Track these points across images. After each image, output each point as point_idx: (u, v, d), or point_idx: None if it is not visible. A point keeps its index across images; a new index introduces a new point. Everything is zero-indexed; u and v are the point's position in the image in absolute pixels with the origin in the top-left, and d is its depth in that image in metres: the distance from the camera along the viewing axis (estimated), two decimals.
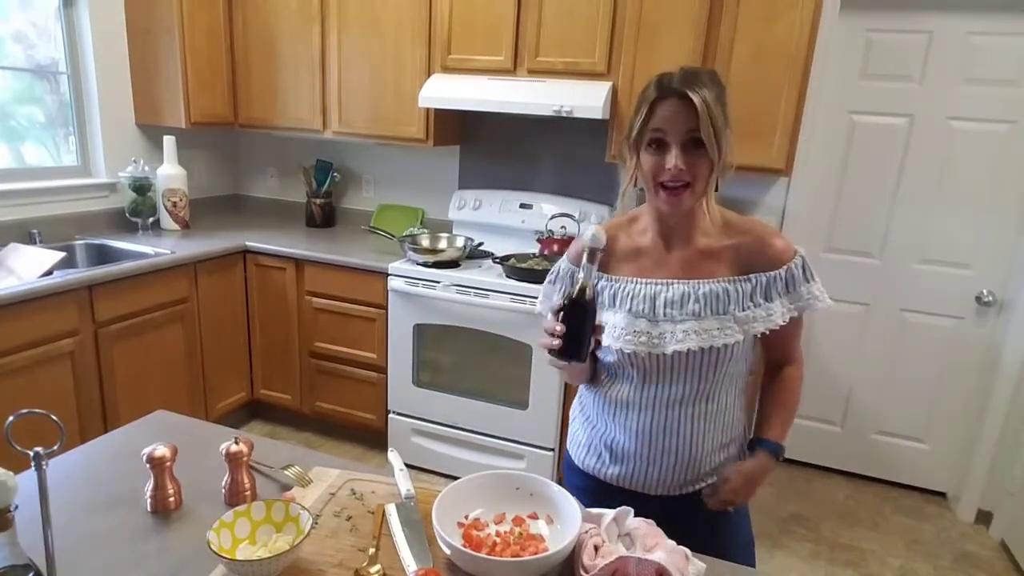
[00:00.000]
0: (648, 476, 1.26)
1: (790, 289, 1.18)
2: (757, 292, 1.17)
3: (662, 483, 1.26)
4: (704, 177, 1.11)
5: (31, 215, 2.71)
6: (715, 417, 1.24)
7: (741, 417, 1.32)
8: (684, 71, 1.12)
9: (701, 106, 1.06)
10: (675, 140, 1.09)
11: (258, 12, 3.09)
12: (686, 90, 1.07)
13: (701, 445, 1.24)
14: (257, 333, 3.13)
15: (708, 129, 1.06)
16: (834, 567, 2.48)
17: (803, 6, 2.30)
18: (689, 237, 1.19)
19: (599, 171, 2.99)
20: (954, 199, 2.70)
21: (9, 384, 2.13)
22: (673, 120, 1.09)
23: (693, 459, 1.24)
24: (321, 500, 1.13)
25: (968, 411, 2.85)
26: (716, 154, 1.08)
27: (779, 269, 1.17)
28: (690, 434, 1.22)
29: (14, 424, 0.83)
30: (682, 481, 1.26)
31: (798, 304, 1.19)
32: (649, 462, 1.25)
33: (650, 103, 1.11)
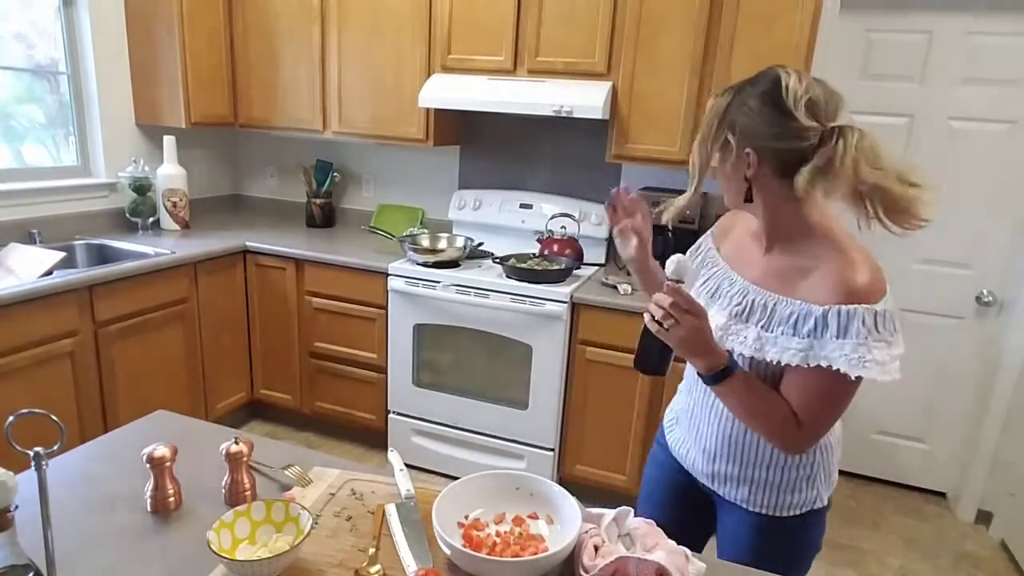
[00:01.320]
0: (684, 447, 1.30)
1: (820, 333, 1.02)
2: (801, 321, 1.05)
3: (692, 463, 1.29)
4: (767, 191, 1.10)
5: (31, 215, 2.71)
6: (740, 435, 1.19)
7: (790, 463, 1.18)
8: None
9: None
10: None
11: (258, 12, 3.10)
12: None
13: (728, 450, 1.21)
14: (257, 333, 3.13)
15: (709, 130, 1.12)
16: (834, 567, 2.48)
17: (803, 6, 2.30)
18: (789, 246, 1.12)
19: (599, 171, 2.99)
20: (954, 199, 2.70)
21: (9, 384, 2.13)
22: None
23: (718, 449, 1.22)
24: (321, 500, 1.14)
25: (968, 411, 2.85)
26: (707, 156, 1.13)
27: (825, 307, 1.02)
28: (719, 425, 1.21)
29: (14, 424, 0.83)
30: (708, 472, 1.26)
31: (814, 356, 1.02)
32: (687, 434, 1.29)
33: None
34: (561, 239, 2.85)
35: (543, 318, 2.54)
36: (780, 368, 1.08)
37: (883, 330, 1.02)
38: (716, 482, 1.26)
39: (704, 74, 2.47)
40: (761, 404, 1.09)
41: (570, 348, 2.57)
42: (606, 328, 2.48)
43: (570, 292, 2.51)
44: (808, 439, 1.11)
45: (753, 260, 1.17)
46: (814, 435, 1.10)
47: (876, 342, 1.02)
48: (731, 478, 1.23)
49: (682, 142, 2.54)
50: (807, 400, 1.07)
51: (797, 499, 1.19)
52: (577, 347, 2.55)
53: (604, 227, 2.95)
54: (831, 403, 1.08)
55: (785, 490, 1.19)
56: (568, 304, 2.51)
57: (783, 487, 1.19)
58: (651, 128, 2.57)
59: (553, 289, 2.52)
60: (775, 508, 1.20)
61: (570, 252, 2.81)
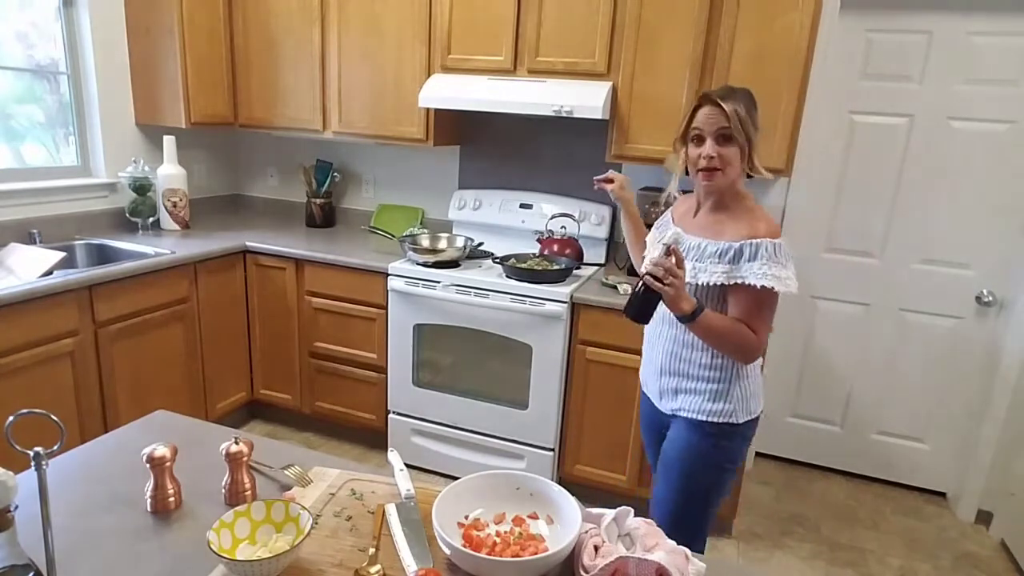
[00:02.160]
0: (647, 380, 1.70)
1: (736, 260, 1.46)
2: (725, 254, 1.48)
3: (652, 390, 1.68)
4: (734, 165, 1.47)
5: (31, 215, 2.71)
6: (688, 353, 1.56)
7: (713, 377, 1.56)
8: (723, 87, 1.50)
9: (731, 110, 1.42)
10: (710, 135, 1.46)
11: (258, 12, 3.10)
12: (719, 100, 1.44)
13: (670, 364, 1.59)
14: (257, 333, 3.13)
15: (736, 125, 1.42)
16: (834, 567, 2.48)
17: (803, 6, 2.30)
18: (717, 207, 1.55)
19: (599, 171, 2.94)
20: (954, 199, 2.70)
21: (9, 384, 2.13)
22: (708, 120, 1.46)
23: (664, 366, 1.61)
24: (321, 500, 1.14)
25: (968, 411, 2.85)
26: (745, 143, 1.45)
27: (740, 242, 1.45)
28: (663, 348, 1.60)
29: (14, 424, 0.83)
30: (657, 391, 1.65)
31: (735, 275, 1.46)
32: (648, 367, 1.68)
33: (693, 108, 1.49)
34: (561, 239, 2.85)
35: (543, 318, 2.54)
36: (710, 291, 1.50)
37: (780, 255, 1.45)
38: (664, 398, 1.64)
39: (704, 74, 2.47)
40: (724, 326, 1.47)
41: (570, 348, 2.57)
42: (606, 328, 2.48)
43: (570, 292, 2.51)
44: (760, 344, 1.50)
45: (690, 222, 1.61)
46: (761, 340, 1.50)
47: (775, 264, 1.43)
48: (671, 390, 1.61)
49: None
50: (746, 311, 1.48)
51: (716, 408, 1.55)
52: (577, 347, 2.55)
53: (604, 227, 2.95)
54: (760, 310, 1.48)
55: (707, 399, 1.56)
56: (568, 304, 2.51)
57: (706, 396, 1.56)
58: (651, 128, 2.57)
59: (553, 289, 2.52)
60: (699, 413, 1.57)
61: (570, 252, 2.81)
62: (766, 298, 1.47)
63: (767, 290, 1.43)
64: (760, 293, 1.45)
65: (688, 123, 1.50)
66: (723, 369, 1.54)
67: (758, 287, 1.43)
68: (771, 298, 1.48)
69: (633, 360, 2.47)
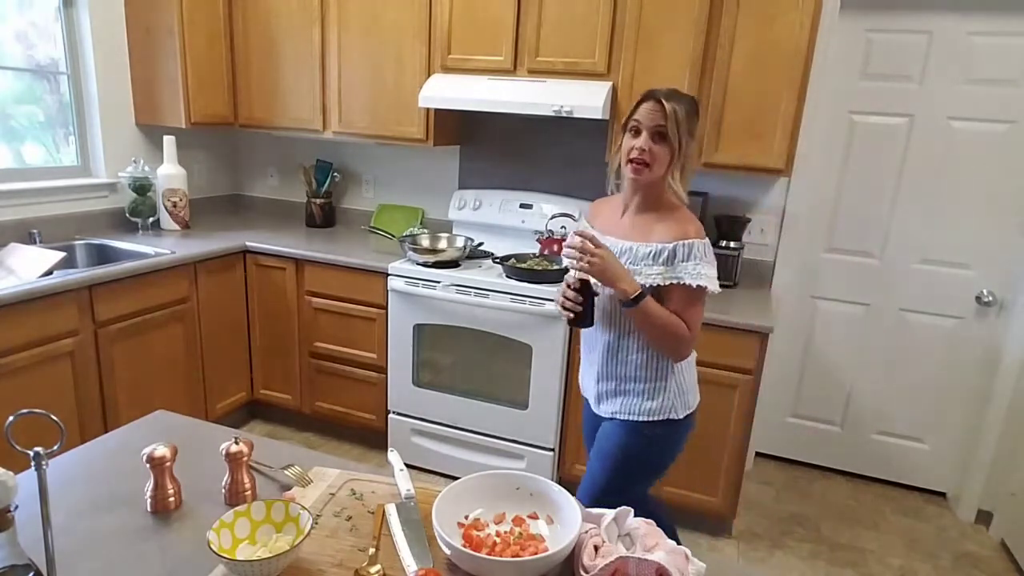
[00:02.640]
0: (586, 386, 1.74)
1: (671, 262, 1.52)
2: (656, 256, 1.53)
3: (591, 394, 1.71)
4: (662, 163, 1.51)
5: (31, 215, 2.71)
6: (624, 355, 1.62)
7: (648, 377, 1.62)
8: (671, 89, 1.54)
9: (671, 109, 1.47)
10: (647, 129, 1.50)
11: (258, 12, 3.10)
12: (663, 98, 1.49)
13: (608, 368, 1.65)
14: (257, 333, 3.13)
15: (672, 126, 1.47)
16: (834, 567, 2.48)
17: (803, 6, 2.30)
18: (641, 210, 1.59)
19: (599, 171, 2.97)
20: (954, 199, 2.70)
21: (9, 384, 2.13)
22: (648, 115, 1.50)
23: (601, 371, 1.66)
24: (321, 500, 1.14)
25: (968, 411, 2.85)
26: (677, 145, 1.49)
27: (672, 244, 1.51)
28: (602, 355, 1.64)
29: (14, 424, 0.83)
30: (595, 395, 1.70)
31: (670, 275, 1.51)
32: (587, 373, 1.73)
33: (638, 102, 1.54)
34: (561, 239, 2.85)
35: (543, 318, 2.54)
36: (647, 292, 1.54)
37: (708, 255, 1.52)
38: (602, 402, 1.69)
39: (704, 74, 2.47)
40: (665, 315, 1.52)
41: (570, 348, 2.57)
42: None
43: None
44: (693, 340, 1.57)
45: (617, 225, 1.63)
46: (694, 337, 1.57)
47: (705, 263, 1.51)
48: (609, 393, 1.66)
49: None
50: (682, 310, 1.53)
51: (655, 406, 1.62)
52: (577, 347, 2.55)
53: None
54: (695, 308, 1.55)
55: (645, 398, 1.62)
56: None
57: (644, 396, 1.62)
58: None
59: (553, 289, 2.52)
60: (639, 414, 1.62)
61: None
62: (699, 296, 1.54)
63: (701, 289, 1.51)
64: (695, 292, 1.52)
65: (631, 115, 1.54)
66: (658, 368, 1.60)
67: (694, 286, 1.49)
68: (703, 297, 1.55)
69: None
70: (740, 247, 2.71)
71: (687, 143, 1.51)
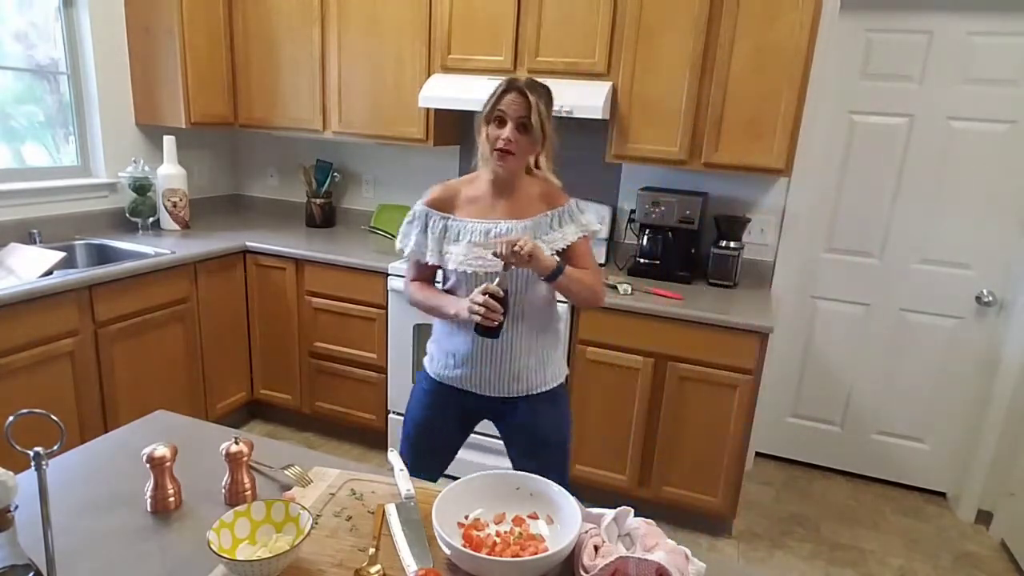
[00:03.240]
0: (482, 377, 1.66)
1: (574, 219, 1.65)
2: (554, 222, 1.63)
3: (491, 385, 1.67)
4: (525, 152, 1.59)
5: (31, 215, 2.71)
6: (530, 332, 1.65)
7: (554, 343, 1.73)
8: (529, 78, 1.59)
9: (534, 102, 1.52)
10: (512, 119, 1.54)
11: (258, 12, 3.10)
12: (526, 90, 1.53)
13: (520, 354, 1.65)
14: (257, 333, 3.13)
15: (536, 117, 1.52)
16: (834, 567, 2.48)
17: (803, 6, 2.30)
18: (512, 191, 1.64)
19: (599, 171, 2.99)
20: (954, 199, 2.70)
21: (9, 384, 2.13)
22: (512, 106, 1.53)
23: (514, 364, 1.65)
24: (321, 500, 1.14)
25: (968, 411, 2.85)
26: (540, 136, 1.57)
27: (564, 205, 1.66)
28: (511, 343, 1.63)
29: (14, 424, 0.83)
30: (507, 384, 1.67)
31: (582, 228, 1.65)
32: (483, 365, 1.65)
33: (501, 91, 1.55)
34: None
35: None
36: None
37: (582, 208, 1.69)
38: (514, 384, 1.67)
39: (704, 74, 2.47)
40: (581, 272, 1.61)
41: (570, 348, 2.57)
42: (606, 328, 2.48)
43: None
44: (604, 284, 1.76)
45: (494, 208, 1.64)
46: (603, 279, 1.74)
47: (583, 213, 1.68)
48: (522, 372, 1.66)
49: (682, 142, 2.54)
50: (586, 256, 1.67)
51: (559, 370, 1.73)
52: (577, 347, 2.55)
53: (604, 227, 2.95)
54: (592, 256, 1.69)
55: (551, 367, 1.70)
56: (568, 304, 2.50)
57: (551, 366, 1.70)
58: (651, 128, 2.57)
59: None
60: (552, 381, 1.70)
61: None
62: (590, 244, 1.70)
63: (591, 235, 1.68)
64: (588, 242, 1.68)
65: (494, 104, 1.56)
66: (556, 335, 1.75)
67: (586, 235, 1.66)
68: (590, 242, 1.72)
69: (633, 360, 2.47)
70: (740, 247, 2.71)
71: (550, 131, 1.60)
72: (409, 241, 1.67)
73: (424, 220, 1.67)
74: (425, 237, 1.65)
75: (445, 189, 1.68)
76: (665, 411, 2.48)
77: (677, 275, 2.73)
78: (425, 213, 1.67)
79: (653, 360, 2.46)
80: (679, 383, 2.44)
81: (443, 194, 1.67)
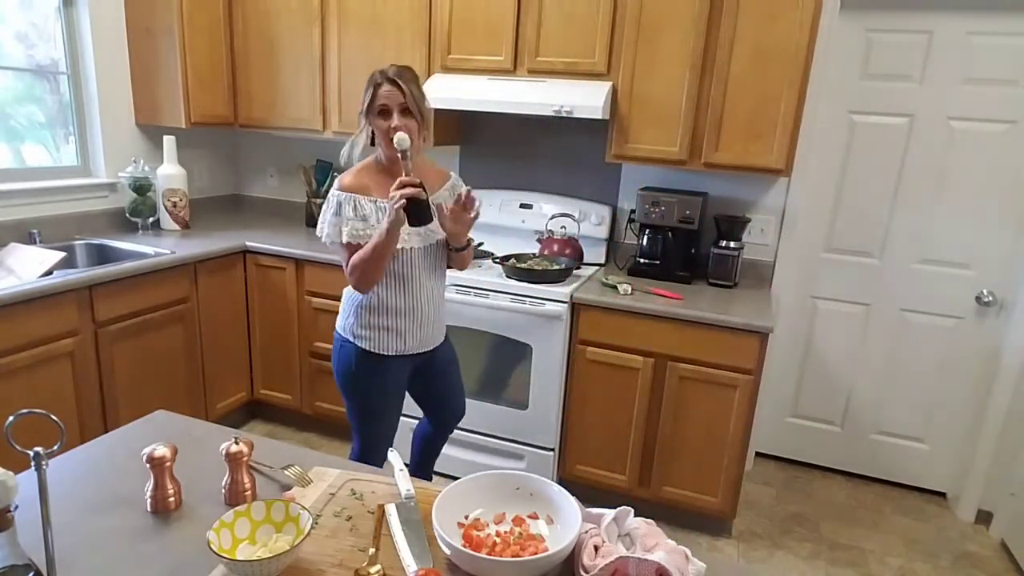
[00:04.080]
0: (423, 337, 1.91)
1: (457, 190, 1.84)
2: (451, 196, 1.85)
3: (425, 341, 1.92)
4: (416, 133, 1.73)
5: (31, 215, 2.71)
6: (443, 285, 1.97)
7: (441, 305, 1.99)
8: (395, 67, 1.74)
9: (407, 88, 1.70)
10: (394, 108, 1.71)
11: (258, 12, 3.10)
12: (396, 79, 1.70)
13: (439, 309, 1.95)
14: (257, 333, 3.13)
15: (412, 103, 1.71)
16: (834, 567, 2.48)
17: (803, 6, 2.30)
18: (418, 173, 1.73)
19: (599, 171, 2.99)
20: (954, 199, 2.70)
21: (9, 384, 2.13)
22: (390, 96, 1.70)
23: (438, 319, 1.96)
24: (321, 500, 1.14)
25: (968, 411, 2.85)
26: (419, 118, 1.73)
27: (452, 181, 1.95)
28: (441, 296, 1.94)
29: (14, 424, 0.83)
30: (432, 337, 1.95)
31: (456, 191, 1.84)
32: (422, 326, 1.89)
33: (375, 85, 1.72)
34: (561, 239, 2.85)
35: (543, 318, 2.54)
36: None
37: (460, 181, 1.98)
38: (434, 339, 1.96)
39: (704, 74, 2.47)
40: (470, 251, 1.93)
41: (570, 348, 2.57)
42: (606, 328, 2.48)
43: (570, 292, 2.51)
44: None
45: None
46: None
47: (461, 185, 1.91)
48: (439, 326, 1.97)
49: (682, 142, 2.54)
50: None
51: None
52: (577, 347, 2.55)
53: (604, 227, 2.95)
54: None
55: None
56: (568, 304, 2.51)
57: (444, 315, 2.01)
58: (651, 128, 2.57)
59: (553, 289, 2.52)
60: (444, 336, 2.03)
61: (570, 252, 2.81)
62: None
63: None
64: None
65: (372, 99, 1.72)
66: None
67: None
68: None
69: (633, 360, 2.47)
70: (740, 247, 2.71)
71: (425, 110, 1.76)
72: (345, 229, 1.75)
73: (352, 205, 1.77)
74: (360, 221, 1.75)
75: (356, 177, 1.81)
76: (665, 411, 2.48)
77: (677, 275, 2.73)
78: (352, 199, 1.77)
79: (653, 360, 2.46)
80: (679, 383, 2.44)
81: (356, 181, 1.80)
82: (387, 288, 1.82)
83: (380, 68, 1.74)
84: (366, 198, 1.77)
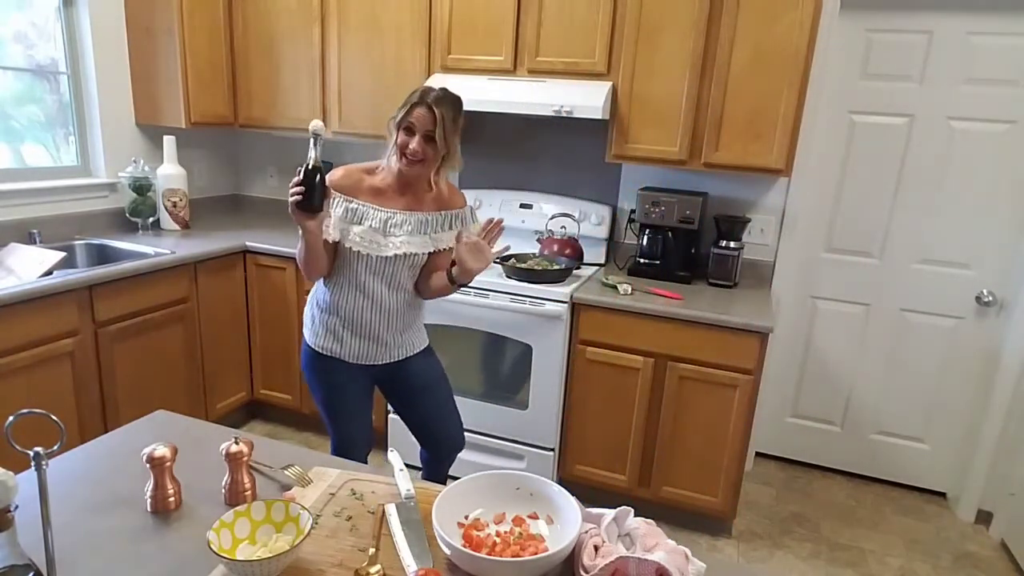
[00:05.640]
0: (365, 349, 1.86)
1: (466, 224, 1.88)
2: (447, 222, 1.85)
3: (370, 355, 1.87)
4: (431, 161, 1.75)
5: (31, 215, 2.71)
6: (407, 306, 1.89)
7: (418, 313, 1.97)
8: (441, 91, 1.74)
9: (439, 118, 1.69)
10: (419, 131, 1.71)
11: (258, 12, 3.10)
12: (434, 105, 1.69)
13: (401, 324, 1.89)
14: (257, 333, 3.13)
15: (440, 133, 1.69)
16: (834, 567, 2.48)
17: (803, 6, 2.30)
18: (415, 190, 1.82)
19: (599, 171, 2.99)
20: (954, 199, 2.70)
21: (9, 384, 2.13)
22: (421, 119, 1.70)
23: (392, 338, 1.88)
24: (321, 500, 1.14)
25: (968, 411, 2.85)
26: (443, 148, 1.73)
27: (457, 210, 1.89)
28: (397, 315, 1.87)
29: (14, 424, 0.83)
30: (398, 344, 1.90)
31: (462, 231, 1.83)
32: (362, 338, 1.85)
33: (412, 104, 1.72)
34: (561, 239, 2.85)
35: (543, 318, 2.54)
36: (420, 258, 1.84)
37: (476, 216, 1.95)
38: (402, 350, 1.92)
39: (704, 74, 2.47)
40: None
41: (570, 348, 2.57)
42: (606, 328, 2.48)
43: (570, 292, 2.51)
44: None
45: (392, 199, 1.82)
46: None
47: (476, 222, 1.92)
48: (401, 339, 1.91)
49: (682, 142, 2.54)
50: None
51: (424, 335, 2.01)
52: (577, 347, 2.55)
53: (604, 227, 2.95)
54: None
55: (422, 332, 2.01)
56: (568, 304, 2.51)
57: (422, 331, 2.00)
58: (651, 128, 2.57)
59: (553, 289, 2.52)
60: (424, 341, 2.00)
61: (570, 252, 2.81)
62: None
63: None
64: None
65: (405, 115, 1.72)
66: (421, 307, 1.99)
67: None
68: None
69: (633, 360, 2.47)
70: (740, 247, 2.71)
71: (453, 143, 1.76)
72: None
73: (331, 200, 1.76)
74: (326, 216, 1.74)
75: (347, 174, 1.82)
76: (665, 411, 2.48)
77: (677, 275, 2.73)
78: (340, 198, 1.79)
79: (653, 360, 2.46)
80: (679, 383, 2.44)
81: (345, 179, 1.81)
82: (339, 288, 1.82)
83: (428, 86, 1.75)
84: (344, 197, 1.78)
